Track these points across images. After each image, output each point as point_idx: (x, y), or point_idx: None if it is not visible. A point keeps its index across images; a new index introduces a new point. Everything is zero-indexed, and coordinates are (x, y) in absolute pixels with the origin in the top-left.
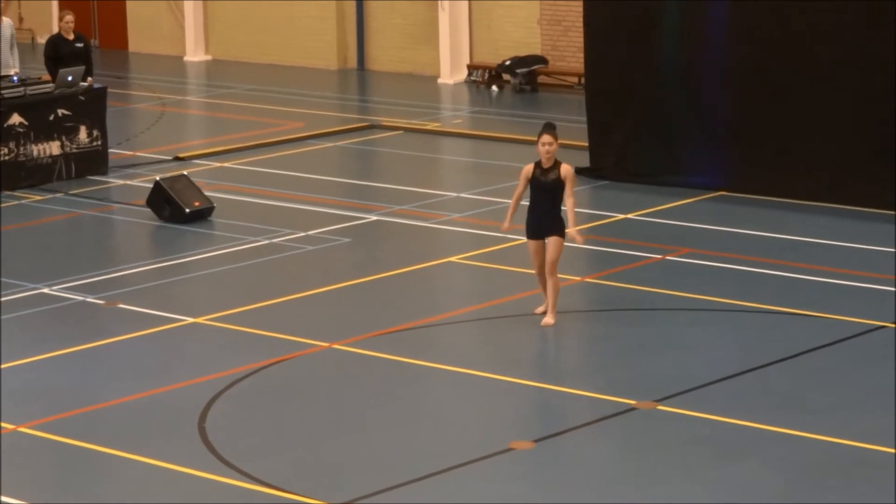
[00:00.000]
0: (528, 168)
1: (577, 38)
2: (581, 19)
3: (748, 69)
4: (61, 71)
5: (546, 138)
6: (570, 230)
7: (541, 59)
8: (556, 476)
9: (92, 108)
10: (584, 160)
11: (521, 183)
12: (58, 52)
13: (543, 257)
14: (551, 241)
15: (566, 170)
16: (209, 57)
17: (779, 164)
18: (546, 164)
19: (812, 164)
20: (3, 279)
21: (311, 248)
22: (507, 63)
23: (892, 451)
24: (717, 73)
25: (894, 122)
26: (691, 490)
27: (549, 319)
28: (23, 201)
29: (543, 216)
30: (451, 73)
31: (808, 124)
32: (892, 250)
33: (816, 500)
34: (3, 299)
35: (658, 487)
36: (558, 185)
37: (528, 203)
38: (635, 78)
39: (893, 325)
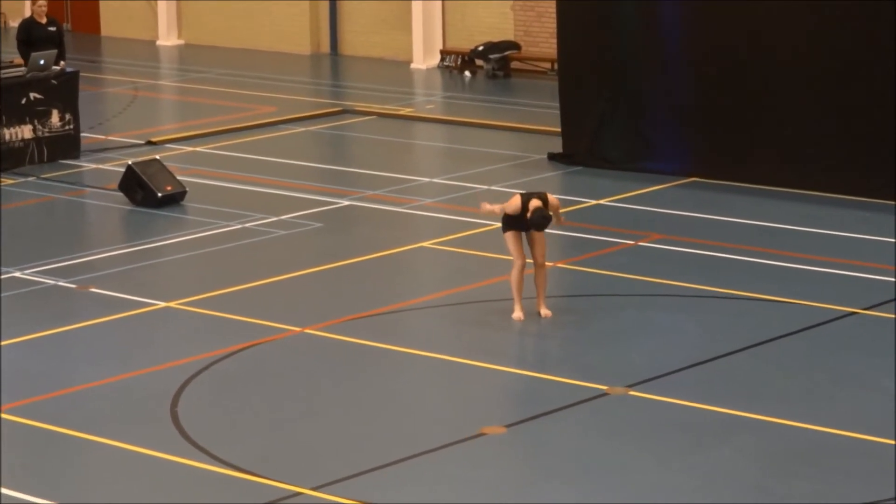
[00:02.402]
0: (517, 202)
1: (550, 23)
2: (554, 5)
3: (720, 55)
4: (33, 55)
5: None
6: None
7: (514, 45)
8: (527, 461)
9: (64, 91)
10: (557, 146)
11: (507, 207)
12: (30, 36)
13: (523, 252)
14: (538, 238)
15: (553, 204)
16: (182, 41)
17: (750, 151)
18: None
19: (783, 151)
20: None
21: (283, 232)
22: (480, 48)
23: (863, 437)
24: (688, 58)
25: (866, 109)
26: (663, 476)
27: (547, 311)
28: None
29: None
30: (425, 58)
31: (779, 111)
32: (863, 237)
33: (787, 487)
34: None
35: (629, 473)
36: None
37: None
38: (607, 64)
39: (863, 311)
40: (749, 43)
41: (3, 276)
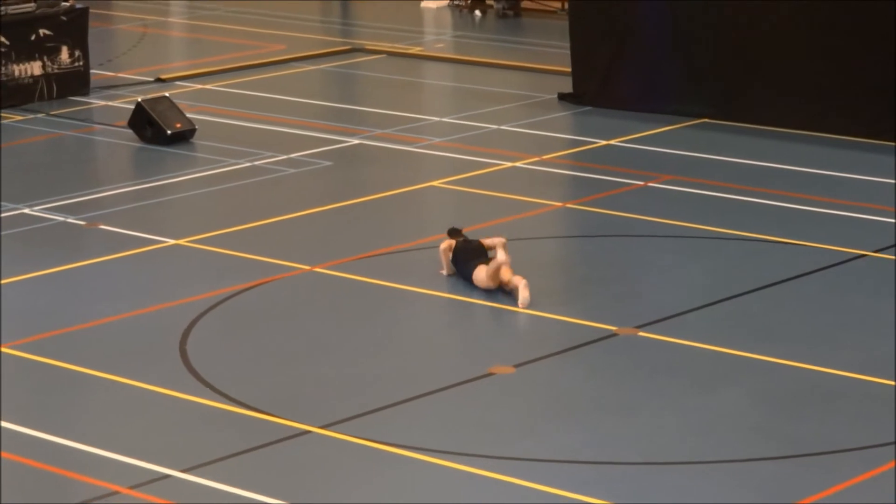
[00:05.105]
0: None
1: None
2: None
3: None
4: None
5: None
6: None
7: None
8: (536, 401)
9: (74, 28)
10: (567, 86)
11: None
12: None
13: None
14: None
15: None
16: None
17: (761, 92)
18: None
19: (794, 92)
20: None
21: (292, 170)
22: None
23: (870, 378)
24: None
25: (878, 50)
26: (670, 416)
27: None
28: (4, 121)
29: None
30: None
31: (791, 52)
32: (873, 179)
33: (793, 428)
34: None
35: (638, 414)
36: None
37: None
38: (618, 3)
39: (872, 254)
40: None
41: (12, 213)
